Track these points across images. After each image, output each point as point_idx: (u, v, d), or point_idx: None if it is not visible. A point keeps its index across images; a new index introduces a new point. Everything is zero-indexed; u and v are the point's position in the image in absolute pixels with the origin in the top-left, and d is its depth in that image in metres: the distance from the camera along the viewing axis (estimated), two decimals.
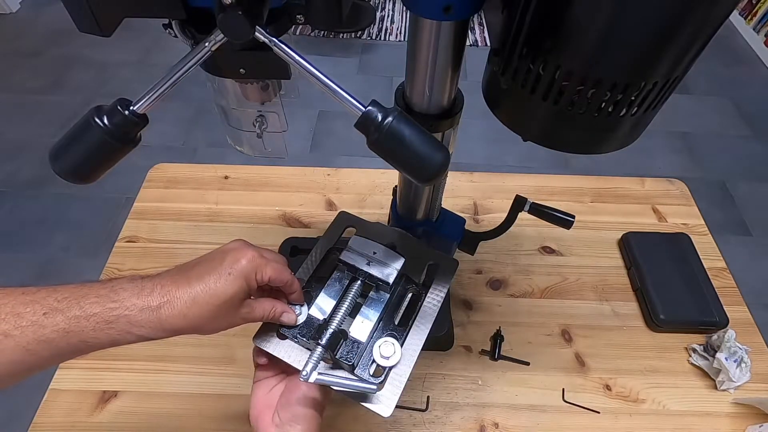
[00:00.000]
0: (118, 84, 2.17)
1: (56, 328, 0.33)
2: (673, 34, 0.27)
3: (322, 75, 0.33)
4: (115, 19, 0.32)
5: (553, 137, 0.35)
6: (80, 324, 0.34)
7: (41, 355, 0.33)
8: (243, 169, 0.85)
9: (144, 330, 0.36)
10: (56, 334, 0.33)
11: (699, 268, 0.71)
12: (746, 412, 0.60)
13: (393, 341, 0.45)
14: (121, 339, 0.35)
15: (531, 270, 0.73)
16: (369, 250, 0.50)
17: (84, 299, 0.34)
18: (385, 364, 0.44)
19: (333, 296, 0.49)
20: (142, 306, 0.35)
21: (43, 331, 0.33)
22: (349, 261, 0.49)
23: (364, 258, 0.49)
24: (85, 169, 0.35)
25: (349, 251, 0.50)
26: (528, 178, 0.86)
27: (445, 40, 0.35)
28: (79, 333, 0.34)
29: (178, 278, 0.38)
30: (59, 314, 0.33)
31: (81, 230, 1.62)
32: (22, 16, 2.53)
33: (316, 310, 0.48)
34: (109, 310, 0.35)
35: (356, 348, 0.45)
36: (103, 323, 0.34)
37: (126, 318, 0.35)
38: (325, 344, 0.44)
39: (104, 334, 0.35)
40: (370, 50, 2.42)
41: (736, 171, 1.90)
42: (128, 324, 0.35)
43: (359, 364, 0.45)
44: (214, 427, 0.58)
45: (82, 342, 0.34)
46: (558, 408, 0.60)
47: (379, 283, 0.48)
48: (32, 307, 0.33)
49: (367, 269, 0.48)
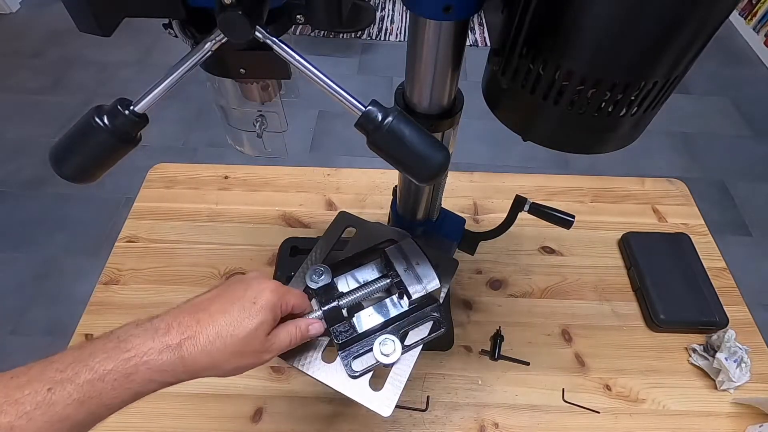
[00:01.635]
0: (118, 84, 2.17)
1: (69, 401, 0.29)
2: (673, 34, 0.27)
3: (322, 75, 0.33)
4: (115, 19, 0.32)
5: (553, 137, 0.35)
6: (95, 387, 0.30)
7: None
8: (243, 169, 0.85)
9: (167, 374, 0.33)
10: (71, 408, 0.29)
11: (699, 268, 0.71)
12: (746, 412, 0.60)
13: (394, 339, 0.45)
14: (144, 390, 0.32)
15: (531, 270, 0.73)
16: (413, 259, 0.49)
17: (91, 359, 0.31)
18: (385, 361, 0.44)
19: (361, 278, 0.50)
20: (161, 347, 0.32)
21: (54, 409, 0.29)
22: (391, 258, 0.49)
23: (405, 263, 0.49)
24: (85, 169, 0.35)
25: (397, 249, 0.50)
26: (528, 178, 0.86)
27: (445, 40, 0.35)
28: (98, 397, 0.30)
29: (198, 313, 0.35)
30: (68, 384, 0.29)
31: (81, 230, 1.62)
32: (22, 16, 2.53)
33: (342, 283, 0.49)
34: (125, 361, 0.31)
35: (351, 333, 0.45)
36: (122, 378, 0.31)
37: (146, 365, 0.32)
38: (326, 311, 0.45)
39: (125, 389, 0.31)
40: (370, 50, 2.41)
41: (736, 171, 1.90)
42: (149, 371, 0.32)
43: (347, 350, 0.45)
44: (214, 427, 0.58)
45: (101, 406, 0.31)
46: (558, 408, 0.60)
47: (403, 291, 0.48)
48: (30, 388, 0.29)
49: (401, 274, 0.48)
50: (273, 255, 0.74)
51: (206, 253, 0.74)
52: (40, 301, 1.45)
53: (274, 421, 0.59)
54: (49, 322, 1.40)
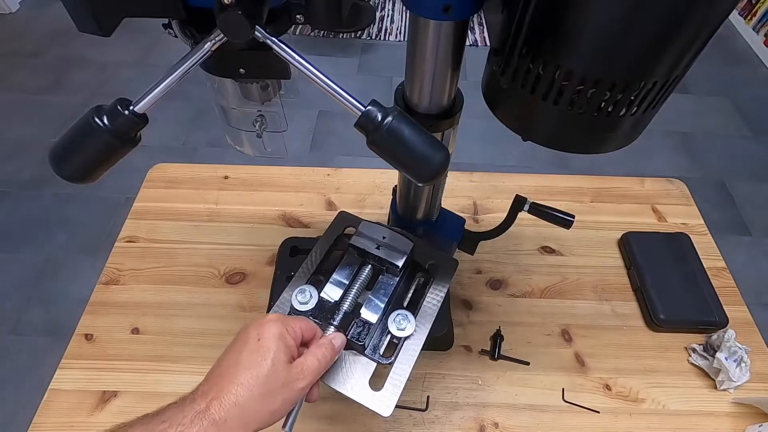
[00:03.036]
0: (118, 84, 2.17)
1: None
2: (672, 34, 0.27)
3: (322, 75, 0.33)
4: (115, 19, 0.32)
5: (552, 137, 0.35)
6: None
7: None
8: (243, 169, 0.85)
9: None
10: None
11: (699, 268, 0.71)
12: (746, 412, 0.60)
13: (407, 313, 0.47)
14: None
15: (531, 270, 0.73)
16: (378, 235, 0.51)
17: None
18: (401, 335, 0.46)
19: (344, 279, 0.50)
20: (192, 415, 0.33)
21: None
22: (359, 245, 0.50)
23: (374, 242, 0.50)
24: (85, 169, 0.35)
25: (359, 236, 0.51)
26: (528, 178, 0.86)
27: (445, 40, 0.35)
28: None
29: (216, 377, 0.35)
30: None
31: (81, 230, 1.62)
32: (22, 16, 2.53)
33: (328, 294, 0.49)
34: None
35: (367, 329, 0.46)
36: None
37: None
38: (338, 324, 0.45)
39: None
40: (370, 50, 2.41)
41: (735, 171, 1.90)
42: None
43: (369, 344, 0.46)
44: None
45: None
46: (558, 408, 0.60)
47: (389, 266, 0.49)
48: None
49: (376, 253, 0.49)
50: (273, 255, 0.74)
51: (206, 253, 0.74)
52: (40, 301, 1.45)
53: None
54: (48, 322, 1.40)
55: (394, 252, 0.49)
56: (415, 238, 0.54)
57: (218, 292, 0.69)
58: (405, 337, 0.46)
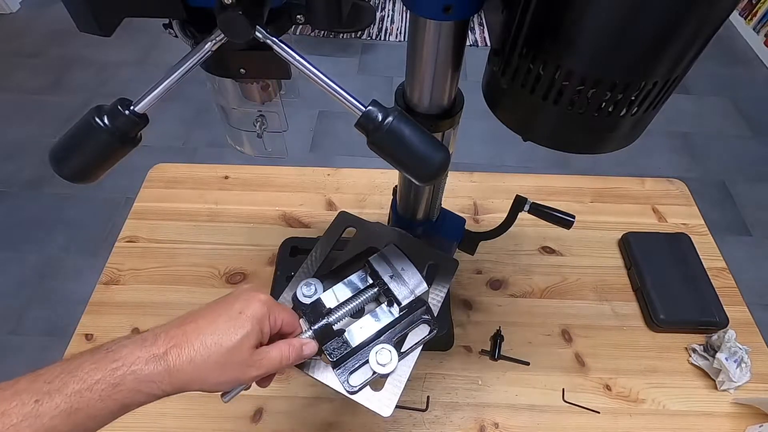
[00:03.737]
0: (118, 84, 2.17)
1: (56, 412, 0.29)
2: (673, 34, 0.27)
3: (322, 75, 0.33)
4: (115, 19, 0.32)
5: (553, 137, 0.35)
6: (83, 398, 0.30)
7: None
8: (243, 169, 0.85)
9: (153, 385, 0.33)
10: (58, 419, 0.29)
11: (699, 268, 0.71)
12: (746, 412, 0.60)
13: (390, 348, 0.45)
14: (131, 402, 0.33)
15: (531, 270, 0.73)
16: (398, 265, 0.48)
17: (79, 370, 0.31)
18: (379, 370, 0.44)
19: (348, 290, 0.49)
20: (148, 357, 0.33)
21: (41, 421, 0.29)
22: (375, 266, 0.48)
23: (390, 270, 0.48)
24: (85, 169, 0.35)
25: (381, 257, 0.49)
26: (528, 178, 0.86)
27: (445, 40, 0.35)
28: (85, 408, 0.30)
29: (186, 325, 0.35)
30: (56, 395, 0.30)
31: (81, 230, 1.61)
32: (22, 16, 2.53)
33: (325, 299, 0.47)
34: (112, 371, 0.32)
35: (344, 348, 0.45)
36: (109, 388, 0.31)
37: (133, 375, 0.32)
38: (317, 330, 0.44)
39: (112, 401, 0.31)
40: (370, 50, 2.41)
41: (735, 171, 1.90)
42: (136, 381, 0.32)
43: (343, 365, 0.45)
44: (214, 427, 0.58)
45: (89, 418, 0.31)
46: (558, 408, 0.60)
47: (393, 298, 0.47)
48: (18, 399, 0.29)
49: (387, 282, 0.47)
50: (273, 255, 0.74)
51: (206, 253, 0.74)
52: (40, 301, 1.45)
53: (274, 421, 0.59)
54: (49, 322, 1.40)
55: (405, 289, 0.47)
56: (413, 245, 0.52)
57: (218, 292, 0.69)
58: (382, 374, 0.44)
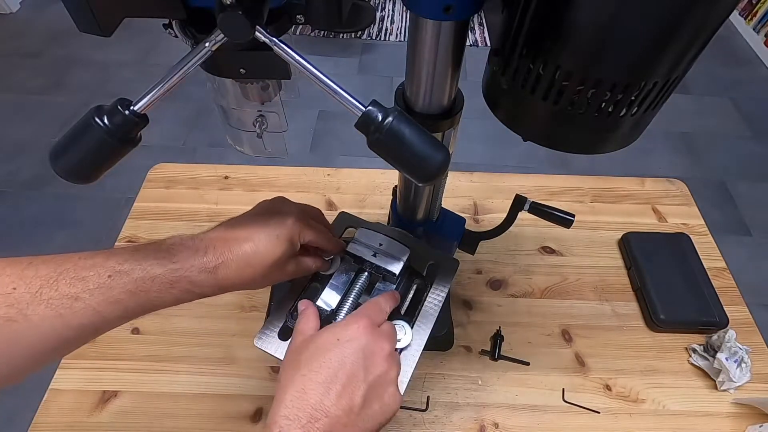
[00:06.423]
0: (118, 84, 2.17)
1: (123, 289, 0.35)
2: (673, 35, 0.27)
3: (322, 75, 0.33)
4: (115, 19, 0.32)
5: (553, 137, 0.35)
6: (145, 285, 0.35)
7: (110, 316, 0.35)
8: (243, 169, 0.85)
9: (204, 288, 0.38)
10: (124, 295, 0.35)
11: (699, 268, 0.71)
12: (746, 412, 0.60)
13: (403, 323, 0.46)
14: (184, 297, 0.38)
15: (531, 270, 0.73)
16: (375, 242, 0.50)
17: (144, 261, 0.36)
18: (397, 345, 0.45)
19: (340, 288, 0.49)
20: (201, 267, 0.38)
21: (111, 292, 0.34)
22: (355, 253, 0.49)
23: (370, 249, 0.49)
24: (85, 169, 0.35)
25: (356, 243, 0.50)
26: (528, 178, 0.86)
27: (445, 40, 0.35)
28: (146, 293, 0.36)
29: (230, 239, 0.40)
30: (125, 276, 0.35)
31: (81, 230, 1.62)
32: (22, 16, 2.53)
33: (323, 303, 0.48)
34: (171, 271, 0.37)
35: None
36: (166, 284, 0.36)
37: (187, 279, 0.37)
38: None
39: (168, 294, 0.37)
40: (370, 50, 2.42)
41: (736, 171, 1.90)
42: (189, 284, 0.37)
43: None
44: (213, 427, 0.58)
45: (148, 302, 0.36)
46: (558, 408, 0.60)
47: (386, 274, 0.49)
48: (95, 271, 0.34)
49: (373, 260, 0.49)
50: None
51: None
52: None
53: None
54: None
55: (391, 259, 0.49)
56: (412, 242, 0.53)
57: None
58: (400, 348, 0.46)
